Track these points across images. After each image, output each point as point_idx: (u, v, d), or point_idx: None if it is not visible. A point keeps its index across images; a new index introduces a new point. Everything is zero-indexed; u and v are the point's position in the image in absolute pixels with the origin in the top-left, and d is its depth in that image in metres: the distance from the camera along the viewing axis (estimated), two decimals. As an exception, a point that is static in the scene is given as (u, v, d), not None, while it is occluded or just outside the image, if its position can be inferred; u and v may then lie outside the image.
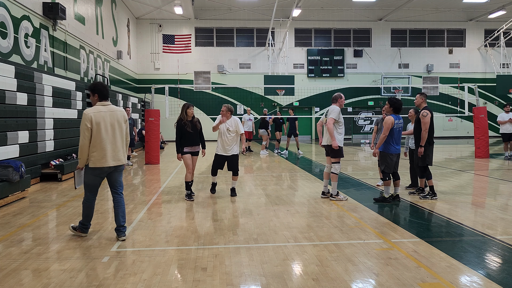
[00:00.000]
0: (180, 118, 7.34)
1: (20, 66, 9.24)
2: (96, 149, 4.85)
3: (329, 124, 6.95)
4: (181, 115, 7.36)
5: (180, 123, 7.31)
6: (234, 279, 3.75)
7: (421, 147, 7.19)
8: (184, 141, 7.32)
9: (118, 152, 5.01)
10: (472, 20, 27.97)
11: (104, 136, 4.87)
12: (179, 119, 7.34)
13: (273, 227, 5.50)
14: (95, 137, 4.84)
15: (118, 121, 5.03)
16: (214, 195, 7.91)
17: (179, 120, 7.33)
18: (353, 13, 26.80)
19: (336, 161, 7.13)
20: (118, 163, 5.02)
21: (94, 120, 4.83)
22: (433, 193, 7.30)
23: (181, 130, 7.28)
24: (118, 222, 5.06)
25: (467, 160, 13.80)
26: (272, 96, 25.70)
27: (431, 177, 7.36)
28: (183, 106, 7.41)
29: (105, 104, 5.01)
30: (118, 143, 5.02)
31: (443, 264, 4.07)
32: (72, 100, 11.98)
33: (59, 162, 10.38)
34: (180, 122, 7.31)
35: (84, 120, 4.82)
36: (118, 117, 5.03)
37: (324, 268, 3.99)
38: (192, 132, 7.34)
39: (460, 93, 26.24)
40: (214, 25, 26.71)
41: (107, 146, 4.89)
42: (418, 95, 7.65)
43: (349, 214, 6.22)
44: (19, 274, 3.95)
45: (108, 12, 19.03)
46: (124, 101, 18.62)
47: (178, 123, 7.33)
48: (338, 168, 7.14)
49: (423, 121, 7.19)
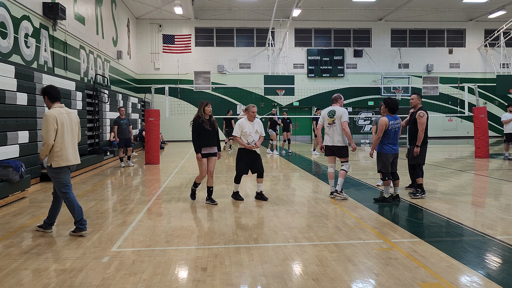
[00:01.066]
0: (198, 115, 6.89)
1: (20, 66, 9.24)
2: (60, 149, 5.09)
3: (346, 128, 7.16)
4: (198, 113, 6.92)
5: (197, 120, 6.85)
6: (234, 279, 3.75)
7: (417, 147, 7.28)
8: (201, 140, 6.83)
9: (76, 152, 5.32)
10: (472, 20, 27.97)
11: (66, 136, 5.15)
12: (197, 116, 6.89)
13: (273, 227, 5.50)
14: (59, 137, 5.08)
15: (74, 123, 5.33)
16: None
17: (197, 117, 6.88)
18: (353, 13, 26.80)
19: (345, 160, 7.31)
20: (77, 161, 5.32)
21: (59, 121, 5.07)
22: (422, 190, 7.39)
23: (199, 128, 6.81)
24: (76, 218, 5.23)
25: (467, 160, 13.80)
26: (272, 96, 25.70)
27: (422, 175, 7.47)
28: (201, 103, 6.96)
29: (61, 105, 5.27)
30: (75, 143, 5.34)
31: (443, 264, 4.07)
32: (72, 100, 11.98)
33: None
34: (197, 120, 6.85)
35: (50, 121, 5.01)
36: (74, 118, 5.32)
37: (324, 268, 3.99)
38: (210, 130, 6.87)
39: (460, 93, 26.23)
40: (214, 25, 26.71)
41: (69, 145, 5.17)
42: (414, 95, 7.65)
43: (349, 214, 6.22)
44: (19, 274, 3.95)
45: (108, 12, 19.04)
46: (124, 101, 18.63)
47: (195, 121, 6.88)
48: (348, 166, 7.34)
49: (420, 122, 7.24)
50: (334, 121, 7.26)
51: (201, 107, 6.92)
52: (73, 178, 10.50)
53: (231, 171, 11.53)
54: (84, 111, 13.00)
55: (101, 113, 14.90)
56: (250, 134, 7.10)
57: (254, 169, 7.32)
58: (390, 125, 6.95)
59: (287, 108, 26.89)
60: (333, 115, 7.30)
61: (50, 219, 5.37)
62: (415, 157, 7.38)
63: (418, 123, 7.27)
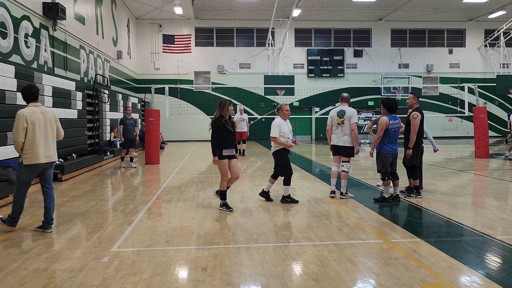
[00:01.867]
0: (221, 115, 6.46)
1: (20, 66, 9.24)
2: (31, 147, 5.24)
3: (355, 129, 7.20)
4: (221, 112, 6.47)
5: (220, 121, 6.41)
6: (234, 279, 3.75)
7: (409, 148, 7.24)
8: (223, 142, 6.43)
9: (50, 150, 5.42)
10: (472, 20, 27.97)
11: (38, 135, 5.26)
12: (219, 116, 6.46)
13: (273, 227, 5.50)
14: (29, 136, 5.22)
15: (50, 121, 5.43)
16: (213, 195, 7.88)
17: (219, 117, 6.45)
18: (353, 13, 26.80)
19: (347, 160, 7.33)
20: (50, 160, 5.43)
21: (29, 120, 5.22)
22: (417, 192, 7.40)
23: (221, 129, 6.39)
24: (49, 216, 5.44)
25: (467, 160, 13.80)
26: (272, 96, 25.69)
27: (418, 177, 7.46)
28: (224, 102, 6.52)
29: (37, 105, 5.40)
30: (50, 142, 5.43)
31: (443, 264, 4.07)
32: (72, 100, 11.98)
33: (59, 162, 10.38)
34: (220, 120, 6.42)
35: (20, 120, 5.19)
36: (49, 117, 5.43)
37: (324, 268, 3.99)
38: (233, 131, 6.55)
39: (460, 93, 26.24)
40: (214, 25, 26.71)
41: (40, 144, 5.28)
42: (411, 95, 7.60)
43: (349, 214, 6.22)
44: (19, 274, 3.95)
45: (108, 12, 19.03)
46: (124, 101, 18.63)
47: (216, 121, 6.45)
48: (349, 166, 7.36)
49: (413, 123, 7.22)
50: (344, 121, 7.25)
51: (224, 106, 6.49)
52: (73, 178, 10.51)
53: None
54: (84, 111, 13.00)
55: (101, 113, 14.90)
56: (287, 134, 7.04)
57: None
58: (390, 125, 6.95)
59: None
60: (342, 115, 7.27)
61: (46, 215, 5.47)
62: (410, 158, 7.33)
63: (411, 124, 7.24)
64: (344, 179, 7.33)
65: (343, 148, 7.29)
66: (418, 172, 7.51)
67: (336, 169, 7.50)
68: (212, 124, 6.53)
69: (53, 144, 5.50)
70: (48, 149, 5.39)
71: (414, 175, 7.45)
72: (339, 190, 7.57)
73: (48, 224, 5.42)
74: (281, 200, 7.21)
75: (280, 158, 7.12)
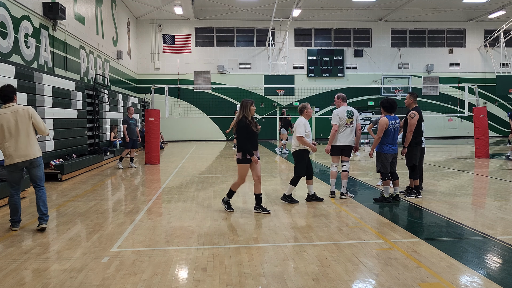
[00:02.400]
0: (244, 116, 6.26)
1: (20, 66, 9.24)
2: (3, 149, 5.31)
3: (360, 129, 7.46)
4: (244, 113, 6.26)
5: (244, 121, 6.21)
6: (234, 279, 3.75)
7: (404, 148, 7.27)
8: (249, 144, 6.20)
9: (25, 149, 5.34)
10: (472, 20, 27.97)
11: (7, 136, 5.25)
12: (242, 117, 6.25)
13: (273, 227, 5.50)
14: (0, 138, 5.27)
15: (22, 119, 5.33)
16: (213, 195, 7.89)
17: (243, 118, 6.25)
18: (353, 13, 26.80)
19: (347, 160, 7.42)
20: (26, 158, 5.35)
21: None
22: (417, 192, 7.41)
23: (248, 129, 6.18)
24: (40, 211, 5.46)
25: (467, 160, 13.80)
26: (272, 96, 25.70)
27: (418, 177, 7.47)
28: (247, 102, 6.33)
29: (7, 106, 5.37)
30: (23, 141, 5.33)
31: (443, 264, 4.07)
32: (72, 100, 11.98)
33: (59, 162, 10.38)
34: (244, 121, 6.22)
35: None
36: (21, 115, 5.33)
37: (324, 268, 3.99)
38: (257, 132, 6.37)
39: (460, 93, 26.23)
40: (214, 25, 26.71)
41: (11, 145, 5.27)
42: (408, 95, 7.61)
43: (349, 214, 6.22)
44: (19, 274, 3.95)
45: (108, 12, 19.04)
46: (124, 101, 18.64)
47: (241, 122, 6.23)
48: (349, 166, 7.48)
49: (410, 123, 7.22)
50: (352, 121, 7.31)
51: (246, 106, 6.28)
52: (73, 178, 10.51)
53: (232, 171, 11.53)
54: (84, 111, 13.00)
55: (101, 113, 14.90)
56: (310, 134, 7.04)
57: (309, 171, 7.20)
58: (390, 125, 6.95)
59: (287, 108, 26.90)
60: (351, 116, 7.33)
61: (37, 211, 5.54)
62: (409, 158, 7.33)
63: (408, 123, 7.25)
64: (345, 178, 7.38)
65: (347, 148, 7.32)
66: (418, 172, 7.52)
67: (336, 169, 7.52)
68: (237, 125, 6.29)
69: (29, 142, 5.37)
70: (22, 149, 5.31)
71: (414, 175, 7.46)
72: (339, 190, 7.58)
73: (40, 219, 5.46)
74: (281, 198, 7.22)
75: (302, 158, 7.08)
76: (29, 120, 5.40)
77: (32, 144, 5.41)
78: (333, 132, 7.28)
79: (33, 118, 5.42)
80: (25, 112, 5.39)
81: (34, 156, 5.42)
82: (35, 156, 5.43)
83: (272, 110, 26.56)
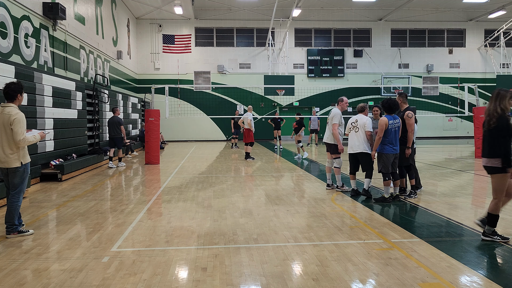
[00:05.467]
0: (502, 109, 4.67)
1: (20, 66, 9.24)
2: None
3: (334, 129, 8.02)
4: (501, 105, 4.66)
5: (506, 117, 4.67)
6: (234, 279, 3.75)
7: (408, 148, 7.19)
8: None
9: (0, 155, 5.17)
10: (472, 20, 27.96)
11: None
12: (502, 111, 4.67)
13: (273, 227, 5.50)
14: None
15: (4, 124, 5.13)
16: (213, 195, 7.89)
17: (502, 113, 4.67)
18: (353, 13, 26.79)
19: (336, 157, 8.06)
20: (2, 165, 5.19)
21: None
22: (414, 191, 7.44)
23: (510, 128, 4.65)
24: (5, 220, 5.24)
25: (467, 160, 13.80)
26: (272, 96, 25.71)
27: (414, 177, 7.49)
28: (505, 93, 4.69)
29: (4, 105, 5.23)
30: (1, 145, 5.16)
31: (443, 264, 4.07)
32: (72, 100, 11.98)
33: (59, 162, 10.39)
34: (505, 116, 4.67)
35: None
36: (4, 119, 5.13)
37: (324, 268, 3.99)
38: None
39: (460, 93, 26.25)
40: (214, 25, 26.71)
41: None
42: (397, 96, 7.59)
43: (349, 214, 6.22)
44: (19, 274, 3.95)
45: (108, 12, 19.03)
46: (124, 101, 18.63)
47: (503, 118, 4.65)
48: (340, 162, 8.05)
49: (409, 123, 7.13)
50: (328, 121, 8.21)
51: (504, 97, 4.67)
52: (73, 178, 10.52)
53: (232, 171, 11.54)
54: (84, 111, 13.00)
55: (101, 113, 14.90)
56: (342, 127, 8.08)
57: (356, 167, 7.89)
58: (390, 125, 6.94)
59: (286, 108, 26.93)
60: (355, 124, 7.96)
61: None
62: (407, 158, 7.29)
63: (407, 124, 7.16)
64: (338, 173, 8.08)
65: (327, 145, 8.21)
66: (414, 171, 7.50)
67: (328, 165, 8.38)
68: (497, 122, 4.67)
69: (5, 150, 5.13)
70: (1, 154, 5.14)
71: (410, 174, 7.46)
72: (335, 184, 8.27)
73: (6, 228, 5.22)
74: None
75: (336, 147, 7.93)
76: (8, 126, 5.11)
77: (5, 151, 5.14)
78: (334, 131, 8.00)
79: (14, 124, 5.09)
80: (7, 116, 5.12)
81: (9, 166, 5.17)
82: (10, 166, 5.17)
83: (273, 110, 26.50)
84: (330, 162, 8.28)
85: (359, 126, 7.52)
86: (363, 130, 7.47)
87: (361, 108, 7.76)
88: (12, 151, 5.17)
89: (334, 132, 7.88)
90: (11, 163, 5.17)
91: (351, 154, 7.70)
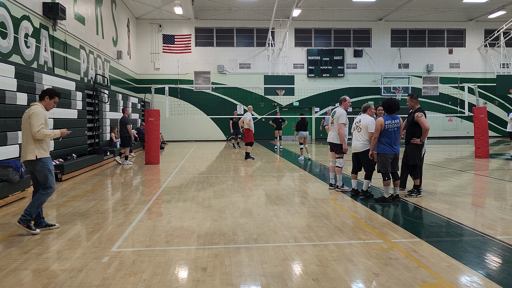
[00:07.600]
0: None
1: (20, 66, 9.24)
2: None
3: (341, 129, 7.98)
4: None
5: None
6: (234, 279, 3.75)
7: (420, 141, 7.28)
8: None
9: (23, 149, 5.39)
10: (472, 20, 27.96)
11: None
12: None
13: (273, 227, 5.50)
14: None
15: (24, 120, 5.42)
16: (213, 195, 7.89)
17: None
18: (353, 13, 26.80)
19: (340, 156, 8.05)
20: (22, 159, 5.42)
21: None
22: (417, 191, 7.45)
23: None
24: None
25: (467, 160, 13.80)
26: (272, 96, 25.70)
27: (419, 177, 7.50)
28: None
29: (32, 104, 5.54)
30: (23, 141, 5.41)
31: (443, 264, 4.07)
32: (72, 100, 11.98)
33: (59, 162, 10.39)
34: None
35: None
36: (24, 116, 5.42)
37: (324, 268, 3.99)
38: None
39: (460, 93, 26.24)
40: (214, 25, 26.70)
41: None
42: (408, 97, 7.69)
43: (349, 214, 6.22)
44: (19, 274, 3.95)
45: (108, 12, 19.03)
46: (124, 101, 18.63)
47: None
48: (342, 162, 8.06)
49: (422, 121, 7.21)
50: (333, 121, 8.08)
51: None
52: (73, 178, 10.51)
53: (232, 171, 11.54)
54: (84, 111, 13.00)
55: (101, 113, 14.90)
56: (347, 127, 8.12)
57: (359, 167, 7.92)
58: (387, 125, 6.95)
59: (286, 108, 26.94)
60: (333, 116, 8.06)
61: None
62: (413, 157, 7.34)
63: (420, 123, 7.23)
64: (339, 173, 8.11)
65: (331, 145, 8.17)
66: (419, 171, 7.52)
67: (331, 164, 8.32)
68: None
69: (25, 143, 5.36)
70: (23, 149, 5.39)
71: (415, 174, 7.46)
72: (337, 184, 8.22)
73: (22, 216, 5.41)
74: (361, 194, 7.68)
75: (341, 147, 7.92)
76: (27, 121, 5.35)
77: (25, 145, 5.34)
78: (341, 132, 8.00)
79: (31, 118, 5.33)
80: (27, 113, 5.43)
81: (25, 158, 5.35)
82: (25, 158, 5.33)
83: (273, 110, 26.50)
84: (333, 162, 8.27)
85: (361, 126, 7.52)
86: (365, 131, 7.47)
87: (365, 108, 7.75)
88: (30, 144, 5.34)
89: (341, 132, 7.85)
90: (26, 155, 5.34)
91: (354, 153, 7.75)
